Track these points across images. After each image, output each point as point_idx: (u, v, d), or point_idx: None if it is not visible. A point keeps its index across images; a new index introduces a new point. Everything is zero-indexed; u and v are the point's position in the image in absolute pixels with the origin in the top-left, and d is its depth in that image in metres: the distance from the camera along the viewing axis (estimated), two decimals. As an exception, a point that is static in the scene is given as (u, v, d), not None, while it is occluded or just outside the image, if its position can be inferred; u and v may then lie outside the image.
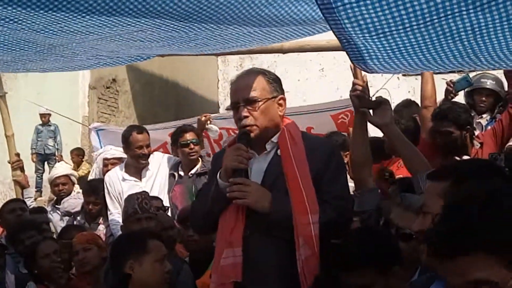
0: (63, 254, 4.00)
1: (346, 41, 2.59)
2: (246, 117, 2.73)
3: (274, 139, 2.79)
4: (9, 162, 5.65)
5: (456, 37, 2.50)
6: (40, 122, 11.99)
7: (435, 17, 2.38)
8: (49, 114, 11.77)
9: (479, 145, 4.42)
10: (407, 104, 5.54)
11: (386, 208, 3.15)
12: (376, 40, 2.55)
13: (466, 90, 5.13)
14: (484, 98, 4.98)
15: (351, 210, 2.91)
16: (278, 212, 2.66)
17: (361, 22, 2.43)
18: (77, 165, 11.58)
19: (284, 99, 2.87)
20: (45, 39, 2.90)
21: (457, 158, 4.33)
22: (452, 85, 4.84)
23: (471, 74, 5.30)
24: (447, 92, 4.86)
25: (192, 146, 5.30)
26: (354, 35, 2.51)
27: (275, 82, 2.84)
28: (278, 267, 2.65)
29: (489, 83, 5.00)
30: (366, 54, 2.71)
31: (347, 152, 4.19)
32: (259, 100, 2.73)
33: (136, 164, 5.39)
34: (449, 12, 2.35)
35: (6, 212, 5.16)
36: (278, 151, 2.77)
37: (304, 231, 2.63)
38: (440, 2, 2.30)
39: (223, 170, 2.73)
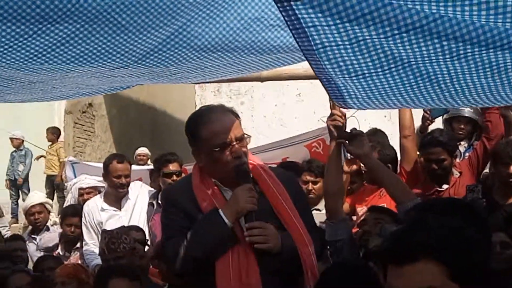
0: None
1: (326, 80, 2.62)
2: (243, 154, 2.71)
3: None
4: None
5: (434, 79, 2.55)
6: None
7: (412, 61, 2.43)
8: (20, 140, 11.70)
9: (458, 174, 4.48)
10: (373, 133, 5.60)
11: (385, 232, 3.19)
12: (355, 81, 2.59)
13: (444, 117, 5.20)
14: (462, 126, 5.05)
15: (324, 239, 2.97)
16: (289, 249, 2.66)
17: (341, 63, 2.46)
18: (52, 142, 11.71)
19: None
20: (25, 77, 2.87)
21: (438, 188, 4.38)
22: (428, 112, 4.90)
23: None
24: (423, 119, 4.91)
25: (175, 177, 5.24)
26: (334, 75, 2.54)
27: (238, 117, 2.86)
28: None
29: (467, 111, 5.07)
30: (345, 93, 2.74)
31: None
32: (246, 136, 2.75)
33: (115, 193, 5.31)
34: (426, 59, 2.41)
35: None
36: (257, 187, 2.74)
37: (309, 263, 2.68)
38: (417, 50, 2.34)
39: (232, 211, 2.62)
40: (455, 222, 1.59)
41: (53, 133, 11.78)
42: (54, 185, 11.87)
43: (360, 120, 6.39)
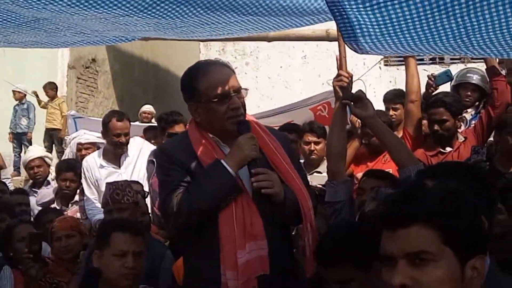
0: (33, 246, 3.87)
1: (339, 15, 2.54)
2: (240, 106, 2.70)
3: None
4: None
5: (450, 12, 2.46)
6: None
7: None
8: (22, 93, 11.65)
9: (463, 138, 4.48)
10: (402, 93, 5.56)
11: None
12: (369, 12, 2.50)
13: (451, 84, 5.17)
14: (469, 93, 5.02)
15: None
16: (291, 201, 2.69)
17: None
18: (52, 98, 11.66)
19: None
20: (29, 13, 2.81)
21: (441, 149, 4.38)
22: (433, 79, 4.87)
23: (457, 69, 5.32)
24: (427, 85, 4.88)
25: None
26: (347, 6, 2.46)
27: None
28: (287, 255, 2.71)
29: (475, 78, 5.04)
30: (358, 30, 2.67)
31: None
32: (242, 88, 2.73)
33: (114, 151, 5.29)
34: None
35: None
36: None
37: (309, 216, 2.72)
38: None
39: (239, 160, 2.62)
40: (453, 186, 1.58)
41: (52, 89, 11.69)
42: (56, 139, 11.89)
43: (366, 84, 6.37)
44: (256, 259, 2.57)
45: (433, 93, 4.82)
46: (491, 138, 4.62)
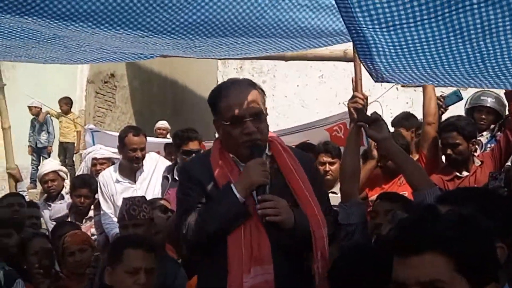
0: (44, 260, 3.88)
1: (355, 33, 2.54)
2: (255, 131, 2.66)
3: (267, 152, 2.76)
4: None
5: (466, 35, 2.46)
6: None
7: (446, 10, 2.34)
8: (38, 107, 11.79)
9: (479, 162, 4.44)
10: (407, 116, 5.56)
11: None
12: (385, 33, 2.50)
13: (465, 107, 5.15)
14: (483, 116, 4.99)
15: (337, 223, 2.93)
16: (302, 227, 2.63)
17: (372, 12, 2.38)
18: (65, 113, 11.76)
19: (266, 109, 2.82)
20: (50, 31, 2.86)
21: (458, 173, 4.35)
22: (442, 100, 4.85)
23: (474, 90, 5.32)
24: (438, 106, 4.83)
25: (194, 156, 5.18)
26: (364, 25, 2.46)
27: (264, 93, 2.81)
28: (295, 280, 2.64)
29: (489, 101, 5.01)
30: (374, 50, 2.66)
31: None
32: (263, 114, 2.70)
33: (130, 166, 5.31)
34: (460, 5, 2.31)
35: (3, 205, 5.08)
36: (275, 165, 2.73)
37: (321, 244, 2.65)
38: None
39: (246, 185, 2.61)
40: (466, 212, 1.57)
41: (66, 104, 11.78)
42: (68, 152, 11.99)
43: (383, 106, 6.37)
44: (261, 283, 2.56)
45: (443, 114, 4.82)
46: (509, 163, 4.58)
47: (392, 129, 5.40)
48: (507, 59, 2.64)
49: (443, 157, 4.55)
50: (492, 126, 5.04)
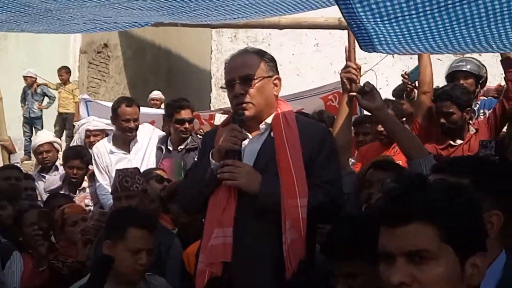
0: (42, 223, 3.89)
1: (356, 26, 2.52)
2: (242, 94, 2.67)
3: (268, 120, 2.74)
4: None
5: (470, 23, 2.45)
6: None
7: (449, 1, 2.33)
8: (33, 78, 11.69)
9: (474, 130, 4.43)
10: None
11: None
12: (387, 25, 2.48)
13: (445, 75, 5.19)
14: (462, 81, 5.00)
15: (342, 195, 2.84)
16: (267, 194, 2.62)
17: (373, 6, 2.36)
18: (64, 82, 11.74)
19: (280, 80, 2.81)
20: (42, 4, 2.80)
21: (452, 142, 4.34)
22: (407, 76, 4.95)
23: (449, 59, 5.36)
24: (405, 84, 4.99)
25: (186, 125, 5.20)
26: (365, 19, 2.44)
27: (271, 61, 2.80)
28: (266, 250, 2.61)
29: (467, 66, 5.05)
30: (376, 40, 2.64)
31: None
32: (255, 77, 2.69)
33: (123, 136, 5.29)
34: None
35: (0, 178, 5.05)
36: (271, 133, 2.73)
37: (291, 215, 2.59)
38: None
39: (216, 151, 2.69)
40: (454, 182, 1.56)
41: (66, 73, 11.77)
42: (68, 123, 11.94)
43: (378, 74, 6.32)
44: (219, 245, 2.60)
45: (412, 90, 4.92)
46: (505, 130, 4.58)
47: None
48: None
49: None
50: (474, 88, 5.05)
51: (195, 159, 2.97)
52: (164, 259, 3.62)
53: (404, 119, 4.73)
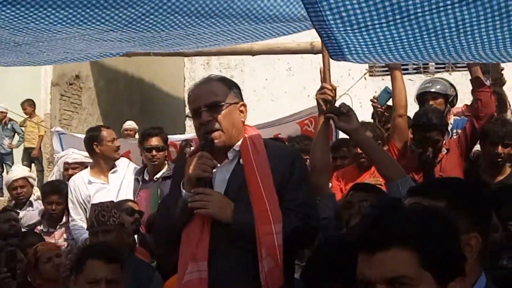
0: (11, 263, 3.82)
1: (326, 36, 2.52)
2: (210, 121, 2.64)
3: (236, 147, 2.70)
4: None
5: (440, 33, 2.46)
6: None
7: (419, 11, 2.33)
8: (5, 112, 11.53)
9: (445, 151, 4.48)
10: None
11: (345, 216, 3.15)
12: (357, 34, 2.48)
13: (416, 97, 5.25)
14: (431, 102, 5.07)
15: (317, 217, 2.80)
16: (239, 222, 2.57)
17: (344, 14, 2.36)
18: (30, 116, 11.62)
19: (245, 106, 2.78)
20: (10, 37, 2.76)
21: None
22: (376, 100, 5.04)
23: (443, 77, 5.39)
24: (374, 108, 5.11)
25: (154, 152, 5.19)
26: (335, 28, 2.44)
27: (236, 88, 2.78)
28: (242, 279, 2.56)
29: (436, 87, 5.14)
30: (346, 49, 2.64)
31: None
32: (222, 104, 2.66)
33: (107, 161, 5.30)
34: (433, 7, 2.30)
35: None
36: (241, 160, 2.69)
37: (266, 242, 2.54)
38: None
39: (186, 180, 2.63)
40: (432, 205, 1.56)
41: (30, 105, 11.63)
42: (32, 158, 11.77)
43: (351, 96, 6.36)
44: (195, 280, 2.54)
45: (382, 114, 5.03)
46: (478, 148, 4.63)
47: (368, 118, 5.43)
48: (481, 50, 2.65)
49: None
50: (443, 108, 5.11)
51: (170, 190, 2.85)
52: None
53: (380, 142, 4.75)
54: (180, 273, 2.61)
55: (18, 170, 6.65)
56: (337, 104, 3.18)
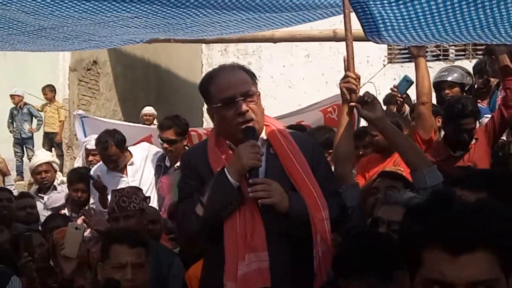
0: (30, 248, 3.85)
1: (361, 11, 2.48)
2: (248, 111, 2.60)
3: (263, 136, 2.70)
4: None
5: (479, 4, 2.40)
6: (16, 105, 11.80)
7: None
8: (21, 96, 11.59)
9: (474, 140, 4.42)
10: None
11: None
12: (394, 8, 2.44)
13: (432, 85, 5.19)
14: (447, 91, 5.01)
15: (346, 205, 2.82)
16: (298, 210, 2.56)
17: None
18: (50, 101, 11.65)
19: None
20: (35, 21, 2.75)
21: (452, 153, 4.34)
22: (396, 90, 4.95)
23: (462, 65, 5.33)
24: (393, 97, 5.05)
25: (165, 145, 5.21)
26: (371, 3, 2.39)
27: (254, 77, 2.76)
28: (295, 267, 2.57)
29: (453, 75, 5.08)
30: (381, 25, 2.60)
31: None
32: (255, 93, 2.64)
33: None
34: None
35: None
36: (271, 149, 2.67)
37: (321, 228, 2.58)
38: None
39: (235, 169, 2.54)
40: (501, 205, 1.45)
41: (51, 91, 11.67)
42: (54, 143, 11.86)
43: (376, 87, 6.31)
44: (255, 271, 2.51)
45: (402, 104, 4.97)
46: (504, 137, 4.58)
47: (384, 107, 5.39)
48: None
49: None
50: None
51: (184, 179, 2.76)
52: (166, 278, 3.57)
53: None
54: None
55: (42, 155, 6.69)
56: (360, 93, 3.14)
